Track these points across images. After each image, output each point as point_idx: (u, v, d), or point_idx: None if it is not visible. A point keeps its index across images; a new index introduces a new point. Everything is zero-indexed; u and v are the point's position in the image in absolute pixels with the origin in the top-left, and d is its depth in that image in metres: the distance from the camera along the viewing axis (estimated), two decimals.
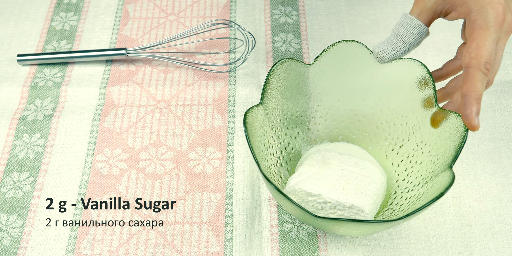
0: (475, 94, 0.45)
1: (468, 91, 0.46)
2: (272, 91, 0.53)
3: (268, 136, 0.54)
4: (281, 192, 0.45)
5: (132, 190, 0.59)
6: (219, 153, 0.62)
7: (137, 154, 0.62)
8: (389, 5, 0.76)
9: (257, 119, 0.51)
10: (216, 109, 0.65)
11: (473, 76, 0.46)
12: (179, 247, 0.55)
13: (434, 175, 0.49)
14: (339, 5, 0.76)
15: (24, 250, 0.55)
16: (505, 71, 0.68)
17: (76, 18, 0.76)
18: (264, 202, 0.58)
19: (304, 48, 0.71)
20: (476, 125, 0.46)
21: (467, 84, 0.46)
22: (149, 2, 0.77)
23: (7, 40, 0.74)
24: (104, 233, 0.56)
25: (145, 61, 0.70)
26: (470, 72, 0.46)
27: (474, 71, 0.46)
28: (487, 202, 0.57)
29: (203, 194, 0.58)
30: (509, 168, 0.60)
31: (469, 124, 0.46)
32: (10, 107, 0.66)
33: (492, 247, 0.54)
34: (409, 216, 0.43)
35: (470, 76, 0.46)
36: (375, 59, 0.54)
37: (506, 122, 0.64)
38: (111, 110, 0.65)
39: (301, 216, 0.47)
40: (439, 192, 0.44)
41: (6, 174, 0.60)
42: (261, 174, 0.47)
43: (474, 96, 0.45)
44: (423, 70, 0.52)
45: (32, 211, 0.57)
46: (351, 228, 0.46)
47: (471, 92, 0.46)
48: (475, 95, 0.45)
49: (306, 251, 0.54)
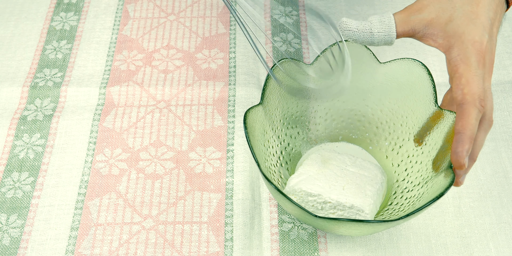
0: (469, 132, 0.44)
1: (463, 128, 0.44)
2: (272, 91, 0.53)
3: (268, 136, 0.54)
4: (281, 192, 0.45)
5: (132, 190, 0.59)
6: (219, 153, 0.62)
7: (137, 154, 0.62)
8: (389, 5, 0.76)
9: (257, 119, 0.51)
10: (216, 109, 0.65)
11: (469, 113, 0.44)
12: (179, 247, 0.55)
13: (434, 175, 0.49)
14: (339, 5, 0.76)
15: (24, 250, 0.55)
16: (505, 71, 0.68)
17: (76, 18, 0.76)
18: (264, 202, 0.58)
19: (304, 48, 0.71)
20: (464, 164, 0.44)
21: (462, 121, 0.44)
22: (149, 2, 0.77)
23: (7, 40, 0.74)
24: (104, 233, 0.56)
25: (145, 61, 0.70)
26: (465, 108, 0.44)
27: (469, 108, 0.44)
28: (487, 202, 0.57)
29: (203, 194, 0.58)
30: (509, 168, 0.60)
31: (457, 162, 0.44)
32: (10, 107, 0.66)
33: (492, 247, 0.54)
34: (409, 216, 0.43)
35: (466, 113, 0.44)
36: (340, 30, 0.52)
37: (506, 122, 0.64)
38: (111, 110, 0.65)
39: (301, 216, 0.47)
40: (439, 192, 0.44)
41: (6, 174, 0.60)
42: (261, 174, 0.47)
43: (468, 134, 0.44)
44: (423, 70, 0.52)
45: (32, 211, 0.57)
46: (351, 228, 0.46)
47: (466, 129, 0.44)
48: (469, 134, 0.44)
49: (306, 251, 0.54)
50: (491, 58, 0.47)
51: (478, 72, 0.45)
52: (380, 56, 0.69)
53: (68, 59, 0.71)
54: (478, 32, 0.46)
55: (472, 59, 0.45)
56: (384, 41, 0.49)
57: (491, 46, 0.47)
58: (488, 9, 0.47)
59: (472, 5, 0.47)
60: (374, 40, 0.49)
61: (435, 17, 0.48)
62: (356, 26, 0.49)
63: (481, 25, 0.46)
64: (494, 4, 0.48)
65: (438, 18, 0.48)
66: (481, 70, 0.45)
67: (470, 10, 0.47)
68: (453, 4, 0.48)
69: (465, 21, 0.47)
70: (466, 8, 0.47)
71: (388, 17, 0.49)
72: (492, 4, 0.48)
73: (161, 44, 0.72)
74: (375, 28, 0.49)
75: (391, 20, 0.49)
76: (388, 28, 0.49)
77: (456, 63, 0.46)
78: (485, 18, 0.47)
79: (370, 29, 0.49)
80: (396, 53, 0.70)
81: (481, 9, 0.47)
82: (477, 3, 0.47)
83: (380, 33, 0.49)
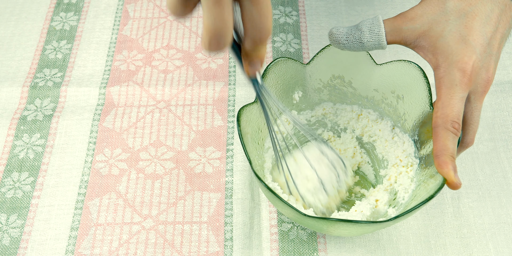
0: (446, 152, 0.44)
1: (438, 151, 0.44)
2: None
3: (263, 135, 0.54)
4: (271, 190, 0.45)
5: (132, 190, 0.59)
6: (218, 153, 0.62)
7: (137, 154, 0.62)
8: (389, 5, 0.76)
9: (252, 117, 0.51)
10: (216, 109, 0.65)
11: (441, 136, 0.44)
12: (179, 247, 0.55)
13: (429, 176, 0.49)
14: (339, 5, 0.76)
15: (24, 250, 0.55)
16: (504, 71, 0.68)
17: (76, 18, 0.76)
18: (264, 202, 0.58)
19: (304, 48, 0.71)
20: (457, 182, 0.44)
21: (436, 144, 0.44)
22: (149, 2, 0.77)
23: (7, 40, 0.74)
24: (104, 233, 0.56)
25: (145, 61, 0.70)
26: (437, 131, 0.45)
27: (441, 131, 0.44)
28: (486, 202, 0.57)
29: (203, 194, 0.58)
30: (507, 168, 0.60)
31: (452, 183, 0.44)
32: (10, 107, 0.66)
33: (492, 247, 0.54)
34: (398, 217, 0.43)
35: (439, 136, 0.44)
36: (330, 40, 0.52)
37: (505, 122, 0.64)
38: (111, 110, 0.66)
39: (292, 215, 0.47)
40: (429, 195, 0.44)
41: (6, 174, 0.60)
42: (252, 172, 0.47)
43: (446, 154, 0.44)
44: (419, 72, 0.51)
45: (32, 211, 0.58)
46: (339, 228, 0.46)
47: (442, 151, 0.44)
48: (447, 153, 0.44)
49: (306, 251, 0.54)
50: (485, 77, 0.46)
51: (457, 95, 0.44)
52: (380, 56, 0.69)
53: (68, 59, 0.71)
54: (467, 52, 0.45)
55: (455, 82, 0.45)
56: (375, 48, 0.49)
57: (487, 64, 0.46)
58: (485, 23, 0.45)
59: (468, 18, 0.46)
60: (365, 48, 0.49)
61: (427, 30, 0.47)
62: (346, 37, 0.49)
63: (472, 44, 0.45)
64: (494, 15, 0.46)
65: (430, 31, 0.46)
66: (463, 93, 0.45)
67: (465, 24, 0.45)
68: (447, 16, 0.46)
69: (455, 38, 0.45)
70: (461, 21, 0.46)
71: (377, 25, 0.48)
72: (491, 16, 0.46)
73: (161, 44, 0.72)
74: (364, 37, 0.48)
75: (381, 28, 0.48)
76: (378, 37, 0.48)
77: (439, 85, 0.46)
78: (479, 34, 0.45)
79: (360, 39, 0.48)
80: (396, 53, 0.70)
81: (477, 23, 0.45)
82: (473, 16, 0.45)
83: (369, 43, 0.48)
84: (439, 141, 0.44)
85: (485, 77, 0.46)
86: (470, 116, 0.47)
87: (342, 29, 0.49)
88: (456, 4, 0.46)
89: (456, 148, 0.45)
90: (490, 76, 0.46)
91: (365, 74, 0.55)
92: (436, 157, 0.44)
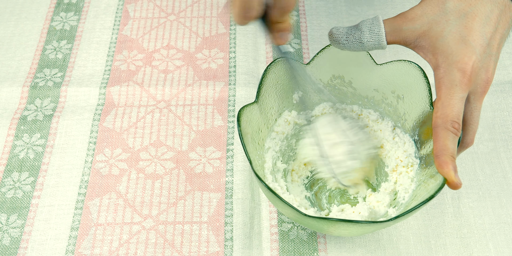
0: (446, 152, 0.44)
1: (439, 151, 0.44)
2: (268, 90, 0.53)
3: (263, 135, 0.54)
4: (271, 190, 0.45)
5: (132, 190, 0.59)
6: (219, 152, 0.62)
7: (137, 154, 0.62)
8: (389, 5, 0.76)
9: (252, 117, 0.51)
10: (216, 109, 0.65)
11: (441, 136, 0.44)
12: (179, 247, 0.55)
13: (429, 176, 0.49)
14: (339, 5, 0.76)
15: (24, 250, 0.55)
16: (505, 71, 0.68)
17: (76, 18, 0.76)
18: (264, 201, 0.58)
19: (304, 48, 0.71)
20: (458, 182, 0.44)
21: (436, 144, 0.44)
22: (149, 2, 0.77)
23: (7, 40, 0.74)
24: (104, 233, 0.56)
25: (145, 61, 0.70)
26: (437, 131, 0.45)
27: (441, 131, 0.44)
28: (486, 202, 0.57)
29: (203, 194, 0.58)
30: (508, 168, 0.60)
31: (452, 183, 0.44)
32: (10, 107, 0.66)
33: (492, 247, 0.54)
34: (398, 217, 0.43)
35: (439, 136, 0.45)
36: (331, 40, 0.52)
37: (505, 122, 0.64)
38: (111, 110, 0.66)
39: (292, 216, 0.47)
40: (430, 195, 0.44)
41: (6, 174, 0.60)
42: (252, 172, 0.47)
43: (446, 154, 0.44)
44: (419, 72, 0.51)
45: (32, 211, 0.58)
46: (340, 228, 0.46)
47: (442, 151, 0.44)
48: (447, 153, 0.44)
49: (306, 251, 0.54)
50: (485, 77, 0.46)
51: (457, 95, 0.45)
52: (380, 56, 0.69)
53: (68, 59, 0.71)
54: (467, 52, 0.45)
55: (455, 82, 0.45)
56: (375, 48, 0.49)
57: (487, 64, 0.46)
58: (485, 23, 0.45)
59: (467, 18, 0.46)
60: (365, 48, 0.49)
61: (427, 30, 0.47)
62: (346, 37, 0.49)
63: (472, 44, 0.45)
64: (494, 16, 0.46)
65: (430, 31, 0.46)
66: (463, 93, 0.45)
67: (464, 24, 0.45)
68: (447, 17, 0.46)
69: (455, 38, 0.45)
70: (460, 22, 0.46)
71: (377, 25, 0.48)
72: (491, 16, 0.46)
73: (161, 44, 0.72)
74: (364, 37, 0.48)
75: (381, 28, 0.48)
76: (378, 37, 0.48)
77: (439, 85, 0.46)
78: (479, 35, 0.45)
79: (360, 39, 0.48)
80: (396, 53, 0.70)
81: (476, 24, 0.45)
82: (473, 16, 0.45)
83: (369, 43, 0.48)
84: (439, 141, 0.44)
85: (485, 78, 0.46)
86: (470, 116, 0.47)
87: (342, 29, 0.49)
88: (456, 4, 0.46)
89: (456, 148, 0.45)
90: (490, 77, 0.46)
91: (365, 74, 0.55)
92: (436, 157, 0.44)
